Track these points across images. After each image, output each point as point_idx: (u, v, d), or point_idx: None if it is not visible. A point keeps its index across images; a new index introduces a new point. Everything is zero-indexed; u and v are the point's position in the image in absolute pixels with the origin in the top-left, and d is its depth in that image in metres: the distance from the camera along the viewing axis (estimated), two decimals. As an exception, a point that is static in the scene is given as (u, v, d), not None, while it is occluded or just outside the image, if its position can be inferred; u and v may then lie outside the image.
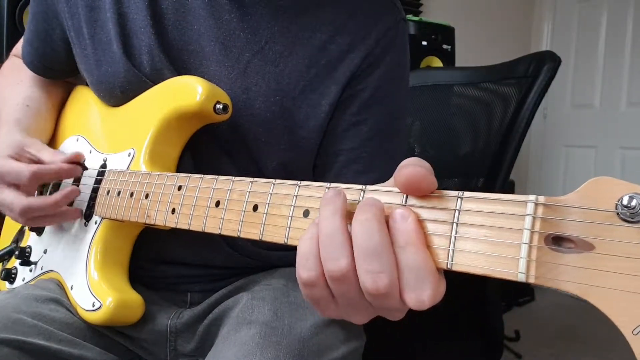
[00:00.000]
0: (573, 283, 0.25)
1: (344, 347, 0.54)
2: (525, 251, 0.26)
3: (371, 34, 0.60)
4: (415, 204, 0.31)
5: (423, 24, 1.85)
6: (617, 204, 0.24)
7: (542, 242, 0.26)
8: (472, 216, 0.29)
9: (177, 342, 0.60)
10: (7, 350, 0.49)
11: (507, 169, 0.89)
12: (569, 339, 2.10)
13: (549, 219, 0.26)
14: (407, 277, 0.30)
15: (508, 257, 0.27)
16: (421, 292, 0.30)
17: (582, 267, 0.25)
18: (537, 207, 0.27)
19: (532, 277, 0.26)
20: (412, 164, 0.31)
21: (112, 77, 0.59)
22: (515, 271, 0.27)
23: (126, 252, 0.59)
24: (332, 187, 0.35)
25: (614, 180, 0.25)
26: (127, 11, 0.58)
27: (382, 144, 0.61)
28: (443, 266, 0.30)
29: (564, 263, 0.26)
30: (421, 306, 0.30)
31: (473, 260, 0.28)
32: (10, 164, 0.57)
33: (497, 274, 0.27)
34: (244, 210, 0.40)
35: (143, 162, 0.55)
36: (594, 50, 2.88)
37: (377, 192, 0.33)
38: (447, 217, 0.30)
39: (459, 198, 0.30)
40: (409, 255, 0.30)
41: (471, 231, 0.29)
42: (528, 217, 0.27)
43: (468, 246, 0.29)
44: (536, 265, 0.26)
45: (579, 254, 0.25)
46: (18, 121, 0.66)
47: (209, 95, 0.52)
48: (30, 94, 0.70)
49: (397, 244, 0.30)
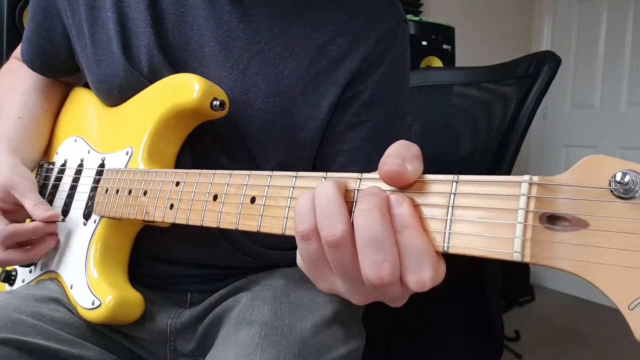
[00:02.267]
0: (568, 260, 0.25)
1: (344, 347, 0.54)
2: (520, 230, 0.27)
3: (371, 35, 0.59)
4: (411, 189, 0.32)
5: (423, 24, 1.85)
6: (611, 181, 0.24)
7: (537, 221, 0.26)
8: (468, 198, 0.29)
9: (177, 342, 0.60)
10: (7, 350, 0.49)
11: (507, 169, 0.89)
12: (569, 339, 2.10)
13: (543, 197, 0.26)
14: (407, 260, 0.30)
15: (503, 238, 0.27)
16: (422, 272, 0.30)
17: (577, 245, 0.25)
18: (532, 187, 0.27)
19: (527, 256, 0.26)
20: (392, 156, 0.31)
21: (111, 77, 0.59)
22: (510, 251, 0.27)
23: (125, 250, 0.59)
24: (328, 176, 0.35)
25: (607, 158, 0.25)
26: (127, 11, 0.58)
27: (381, 145, 0.60)
28: (440, 249, 0.30)
29: (558, 241, 0.26)
30: (423, 287, 0.30)
31: (469, 242, 0.29)
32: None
33: (493, 254, 0.27)
34: (241, 203, 0.40)
35: (141, 160, 0.55)
36: (594, 50, 2.87)
37: (373, 180, 0.33)
38: (443, 200, 0.30)
39: (454, 182, 0.30)
40: (407, 237, 0.30)
41: (467, 213, 0.29)
42: (522, 197, 0.27)
43: (464, 228, 0.29)
44: (531, 244, 0.26)
45: (573, 232, 0.26)
46: (10, 139, 0.66)
47: (206, 92, 0.52)
48: (24, 102, 0.70)
49: (395, 228, 0.30)
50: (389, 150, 0.32)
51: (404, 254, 0.30)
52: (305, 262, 0.35)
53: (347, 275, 0.33)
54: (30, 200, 0.59)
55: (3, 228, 0.57)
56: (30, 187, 0.60)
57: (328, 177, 0.35)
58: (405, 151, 0.31)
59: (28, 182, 0.61)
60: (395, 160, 0.31)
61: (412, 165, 0.31)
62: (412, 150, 0.32)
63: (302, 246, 0.34)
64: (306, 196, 0.33)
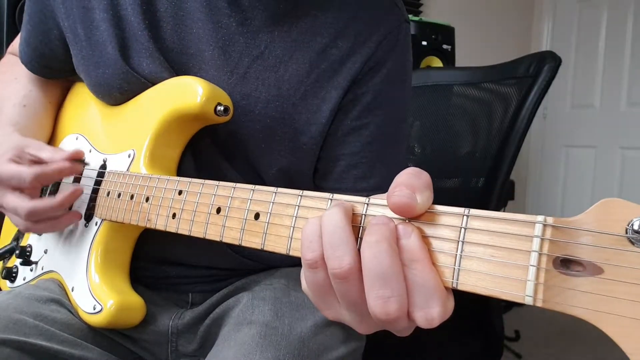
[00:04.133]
0: (581, 308, 0.25)
1: (344, 347, 0.54)
2: (533, 274, 0.26)
3: (373, 37, 0.59)
4: (420, 220, 0.31)
5: (423, 24, 1.85)
6: (628, 228, 0.24)
7: (551, 264, 0.26)
8: (479, 235, 0.28)
9: (178, 342, 0.60)
10: (8, 351, 0.49)
11: (508, 169, 0.89)
12: (569, 339, 2.10)
13: (557, 241, 0.26)
14: (415, 295, 0.29)
15: (515, 279, 0.26)
16: (430, 310, 0.29)
17: (591, 292, 0.25)
18: (546, 229, 0.26)
19: (539, 300, 0.26)
20: (401, 185, 0.30)
21: (109, 79, 0.58)
22: (522, 294, 0.26)
23: (127, 253, 0.59)
24: (334, 198, 0.35)
25: (625, 203, 0.24)
26: (124, 14, 0.57)
27: (383, 149, 0.60)
28: (448, 285, 0.29)
29: (572, 287, 0.25)
30: (431, 324, 0.29)
31: (479, 280, 0.28)
32: (11, 168, 0.56)
33: (504, 296, 0.27)
34: (245, 218, 0.39)
35: (143, 164, 0.55)
36: (594, 50, 2.88)
37: (380, 207, 0.32)
38: (453, 234, 0.29)
39: (465, 216, 0.29)
40: (416, 272, 0.29)
41: (477, 250, 0.28)
42: (536, 238, 0.26)
43: (474, 266, 0.28)
44: (544, 288, 0.26)
45: (587, 278, 0.25)
46: (15, 123, 0.66)
47: (210, 96, 0.52)
48: (27, 92, 0.70)
49: (402, 262, 0.29)
50: (398, 178, 0.31)
51: (412, 289, 0.29)
52: (311, 290, 0.34)
53: (354, 306, 0.32)
54: (48, 150, 0.59)
55: (27, 170, 0.55)
56: (41, 143, 0.61)
57: (335, 200, 0.34)
58: (416, 180, 0.30)
59: (37, 141, 0.62)
60: (404, 191, 0.30)
61: (422, 196, 0.30)
62: (422, 180, 0.30)
63: (308, 274, 0.33)
64: (313, 222, 0.32)
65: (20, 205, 0.55)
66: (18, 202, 0.55)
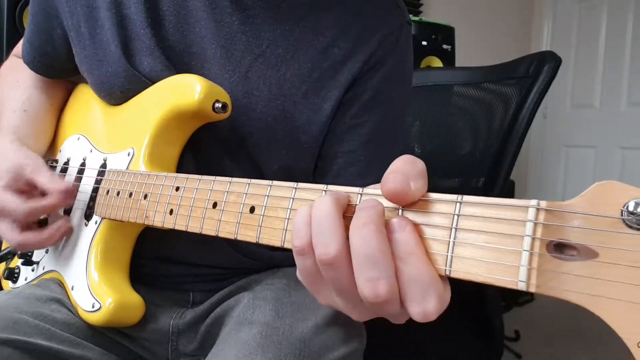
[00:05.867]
0: (576, 293, 0.24)
1: (345, 347, 0.54)
2: (526, 259, 0.25)
3: (374, 37, 0.59)
4: (413, 207, 0.30)
5: (423, 24, 1.86)
6: (623, 210, 0.23)
7: (544, 249, 0.25)
8: (472, 221, 0.28)
9: (179, 341, 0.60)
10: (9, 351, 0.49)
11: (508, 169, 0.89)
12: (569, 339, 2.10)
13: (550, 225, 0.25)
14: (411, 289, 0.29)
15: (508, 265, 0.26)
16: (426, 304, 0.29)
17: (585, 276, 0.24)
18: (539, 213, 0.26)
19: (533, 285, 0.25)
20: (395, 172, 0.30)
21: (112, 78, 0.58)
22: (515, 279, 0.26)
23: (127, 252, 0.59)
24: (328, 189, 0.35)
25: (619, 185, 0.24)
26: (127, 12, 0.58)
27: (380, 147, 0.60)
28: (442, 272, 0.29)
29: (566, 271, 0.25)
30: (428, 318, 0.29)
31: (472, 267, 0.27)
32: (6, 198, 0.56)
33: (497, 282, 0.26)
34: (240, 212, 0.40)
35: (142, 162, 0.55)
36: (594, 50, 2.88)
37: (374, 196, 0.32)
38: (446, 221, 0.29)
39: (458, 202, 0.28)
40: (412, 266, 0.29)
41: (470, 237, 0.28)
42: (529, 223, 0.26)
43: (467, 252, 0.28)
44: (537, 273, 0.25)
45: (581, 262, 0.24)
46: (16, 130, 0.65)
47: (208, 93, 0.52)
48: (28, 96, 0.70)
49: (398, 255, 0.29)
50: (393, 165, 0.31)
51: (407, 283, 0.29)
52: (303, 277, 0.34)
53: (344, 292, 0.32)
54: (43, 176, 0.58)
55: (21, 205, 0.56)
56: (39, 165, 0.60)
57: (328, 190, 0.34)
58: (410, 168, 0.30)
59: (35, 160, 0.60)
60: (398, 177, 0.29)
61: (416, 184, 0.30)
62: (417, 168, 0.30)
63: (298, 261, 0.33)
64: (304, 210, 0.32)
65: (11, 237, 0.57)
66: (8, 232, 0.57)
